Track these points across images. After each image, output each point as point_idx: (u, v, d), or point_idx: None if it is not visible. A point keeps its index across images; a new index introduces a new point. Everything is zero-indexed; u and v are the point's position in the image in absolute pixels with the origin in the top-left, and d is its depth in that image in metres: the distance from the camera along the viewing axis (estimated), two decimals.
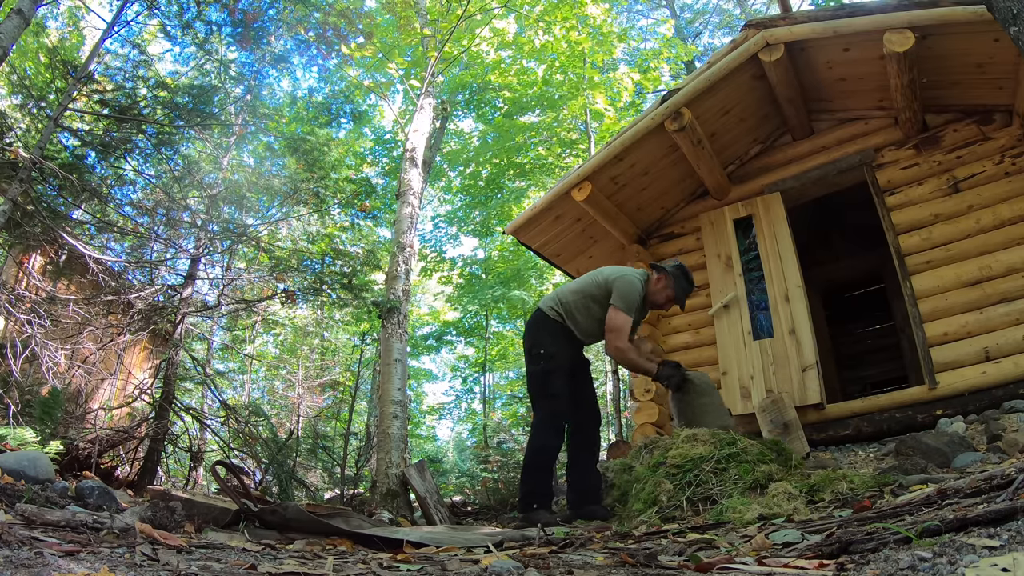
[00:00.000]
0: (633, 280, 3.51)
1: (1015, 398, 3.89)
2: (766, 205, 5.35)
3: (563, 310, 3.52)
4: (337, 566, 1.47)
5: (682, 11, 16.74)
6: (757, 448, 2.82)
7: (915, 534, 1.22)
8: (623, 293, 3.44)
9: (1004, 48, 3.89)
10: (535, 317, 3.61)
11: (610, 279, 3.53)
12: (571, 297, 3.57)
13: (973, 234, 4.45)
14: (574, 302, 3.54)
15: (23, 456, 2.74)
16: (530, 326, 3.62)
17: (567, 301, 3.55)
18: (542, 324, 3.54)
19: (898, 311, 6.57)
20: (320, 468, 7.66)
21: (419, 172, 7.12)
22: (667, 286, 3.59)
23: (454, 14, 8.63)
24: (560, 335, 3.50)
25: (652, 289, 3.62)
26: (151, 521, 1.79)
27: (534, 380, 3.49)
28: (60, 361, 5.08)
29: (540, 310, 3.59)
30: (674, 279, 3.57)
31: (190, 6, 5.90)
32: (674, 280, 3.57)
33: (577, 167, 5.71)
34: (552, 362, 3.43)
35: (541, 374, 3.43)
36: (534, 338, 3.52)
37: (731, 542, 1.82)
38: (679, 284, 3.58)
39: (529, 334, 3.59)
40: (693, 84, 4.99)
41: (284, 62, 8.04)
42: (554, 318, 3.52)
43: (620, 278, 3.51)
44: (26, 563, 1.09)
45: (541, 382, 3.44)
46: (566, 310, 3.52)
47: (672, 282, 3.57)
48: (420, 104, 7.77)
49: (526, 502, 3.28)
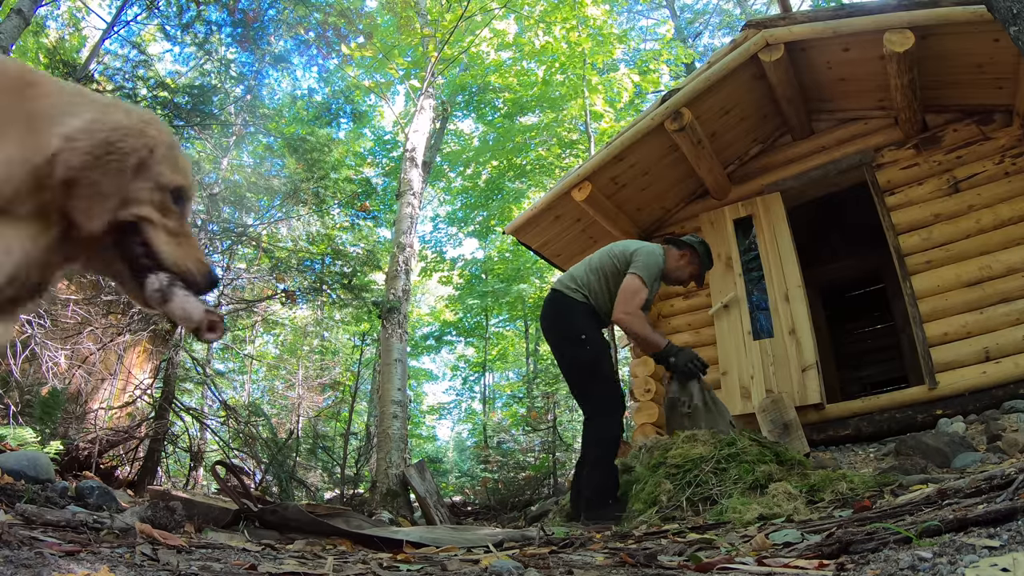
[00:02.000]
0: (655, 251, 3.33)
1: (1015, 398, 3.89)
2: (766, 205, 5.35)
3: (586, 290, 3.30)
4: (337, 566, 1.47)
5: (682, 11, 16.73)
6: (756, 448, 2.82)
7: (915, 534, 1.22)
8: (646, 264, 3.23)
9: (1004, 48, 3.89)
10: (560, 299, 3.33)
11: (628, 250, 3.33)
12: (590, 276, 3.33)
13: (973, 234, 4.45)
14: (595, 280, 3.31)
15: (23, 456, 2.74)
16: (558, 311, 3.33)
17: (587, 281, 3.32)
18: (573, 306, 3.27)
19: (898, 311, 6.57)
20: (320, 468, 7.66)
21: (419, 172, 7.13)
22: (691, 262, 3.43)
23: (454, 14, 8.63)
24: (592, 316, 3.27)
25: (674, 265, 3.42)
26: (151, 521, 1.79)
27: (585, 367, 3.22)
28: (60, 361, 5.08)
29: (562, 292, 3.33)
30: (700, 255, 3.41)
31: (190, 6, 5.91)
32: (699, 257, 3.41)
33: (577, 167, 5.71)
34: (598, 344, 3.22)
35: (592, 359, 3.19)
36: (571, 322, 3.26)
37: (731, 542, 1.82)
38: (703, 261, 3.43)
39: (561, 319, 3.31)
40: (693, 84, 4.99)
41: (284, 62, 8.05)
42: (580, 299, 3.28)
43: (640, 248, 3.32)
44: (26, 563, 1.09)
45: (593, 367, 3.19)
46: (589, 289, 3.30)
47: (696, 259, 3.41)
48: (420, 104, 7.77)
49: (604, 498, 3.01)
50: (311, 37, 8.44)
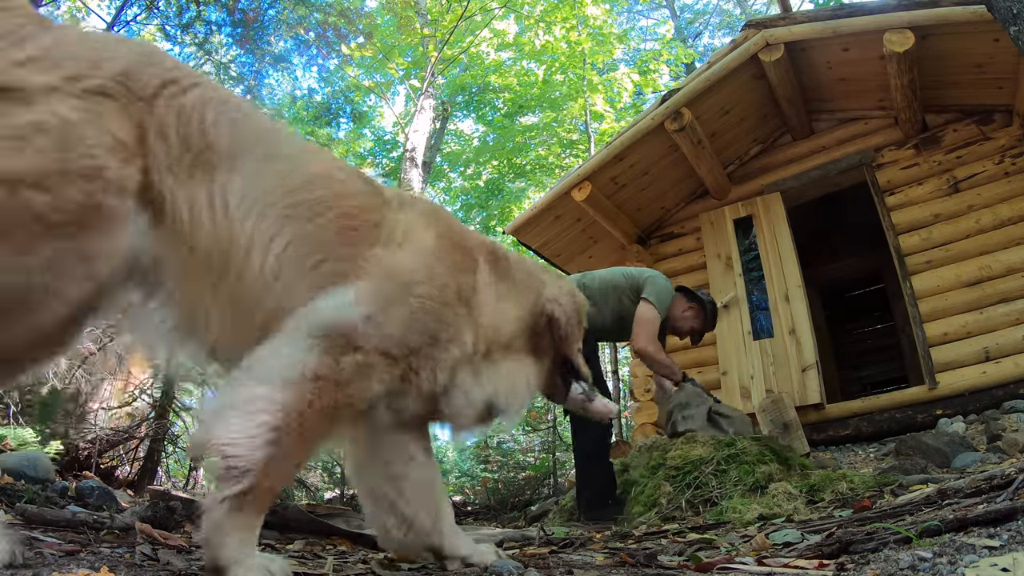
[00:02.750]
0: (667, 284, 3.27)
1: (1015, 398, 3.89)
2: (766, 205, 5.35)
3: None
4: (337, 566, 1.47)
5: (682, 12, 16.74)
6: (756, 448, 2.81)
7: (915, 534, 1.22)
8: (658, 290, 3.20)
9: (1004, 48, 3.89)
10: None
11: (642, 274, 3.29)
12: (596, 284, 3.28)
13: (973, 234, 4.45)
14: (599, 289, 3.26)
15: (23, 456, 2.75)
16: None
17: (589, 288, 3.26)
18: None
19: (898, 311, 6.57)
20: (320, 468, 7.66)
21: (419, 172, 7.13)
22: (696, 316, 3.37)
23: (454, 14, 8.63)
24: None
25: (679, 314, 3.37)
26: (151, 521, 1.79)
27: None
28: (60, 361, 5.07)
29: None
30: (706, 314, 3.35)
31: (190, 6, 5.91)
32: (705, 316, 3.35)
33: (577, 167, 5.71)
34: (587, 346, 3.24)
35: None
36: None
37: (731, 542, 1.82)
38: (708, 321, 3.37)
39: None
40: (693, 84, 4.99)
41: (284, 62, 8.06)
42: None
43: (654, 276, 3.27)
44: (26, 563, 1.09)
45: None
46: (587, 295, 3.38)
47: (702, 316, 3.35)
48: (420, 104, 7.78)
49: (603, 498, 2.98)
50: (311, 37, 8.45)
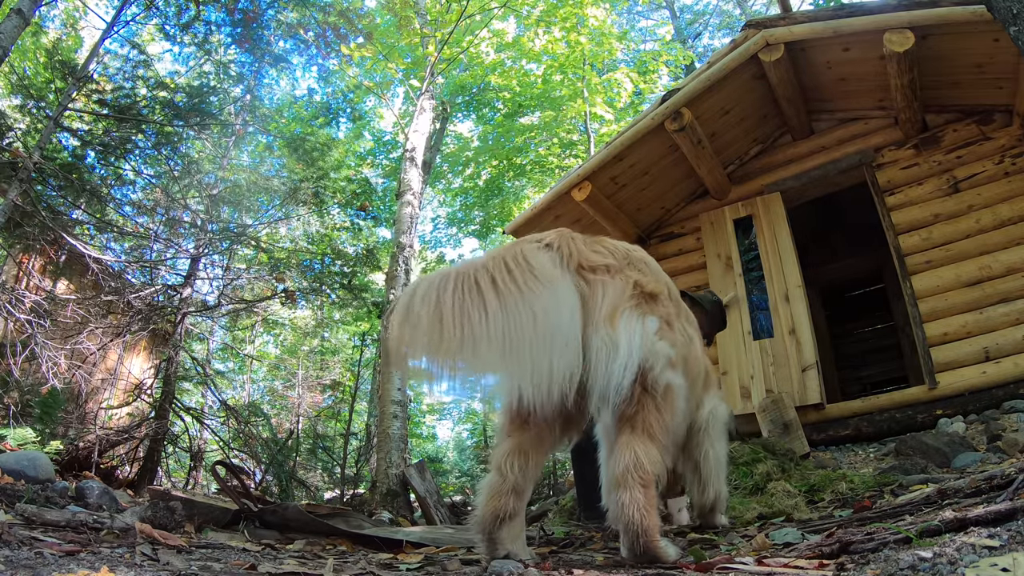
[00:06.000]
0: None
1: (1015, 398, 3.89)
2: (766, 205, 5.35)
3: None
4: (337, 566, 1.47)
5: (682, 12, 16.73)
6: (748, 448, 2.81)
7: (915, 534, 1.22)
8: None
9: (1004, 48, 3.89)
10: None
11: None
12: None
13: (973, 234, 4.45)
14: None
15: (23, 456, 2.75)
16: None
17: None
18: None
19: (898, 311, 6.57)
20: (320, 468, 7.66)
21: (419, 172, 7.13)
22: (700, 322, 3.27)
23: (454, 14, 8.63)
24: None
25: None
26: (151, 521, 1.79)
27: None
28: (60, 361, 5.08)
29: None
30: (710, 316, 3.19)
31: (189, 6, 5.90)
32: (710, 317, 3.17)
33: (577, 167, 5.70)
34: None
35: None
36: None
37: (731, 542, 1.82)
38: (714, 322, 3.20)
39: None
40: (693, 84, 4.99)
41: (284, 62, 8.05)
42: None
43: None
44: (26, 563, 1.09)
45: None
46: None
47: (706, 319, 3.14)
48: (420, 105, 7.77)
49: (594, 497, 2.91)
50: (311, 37, 8.45)
